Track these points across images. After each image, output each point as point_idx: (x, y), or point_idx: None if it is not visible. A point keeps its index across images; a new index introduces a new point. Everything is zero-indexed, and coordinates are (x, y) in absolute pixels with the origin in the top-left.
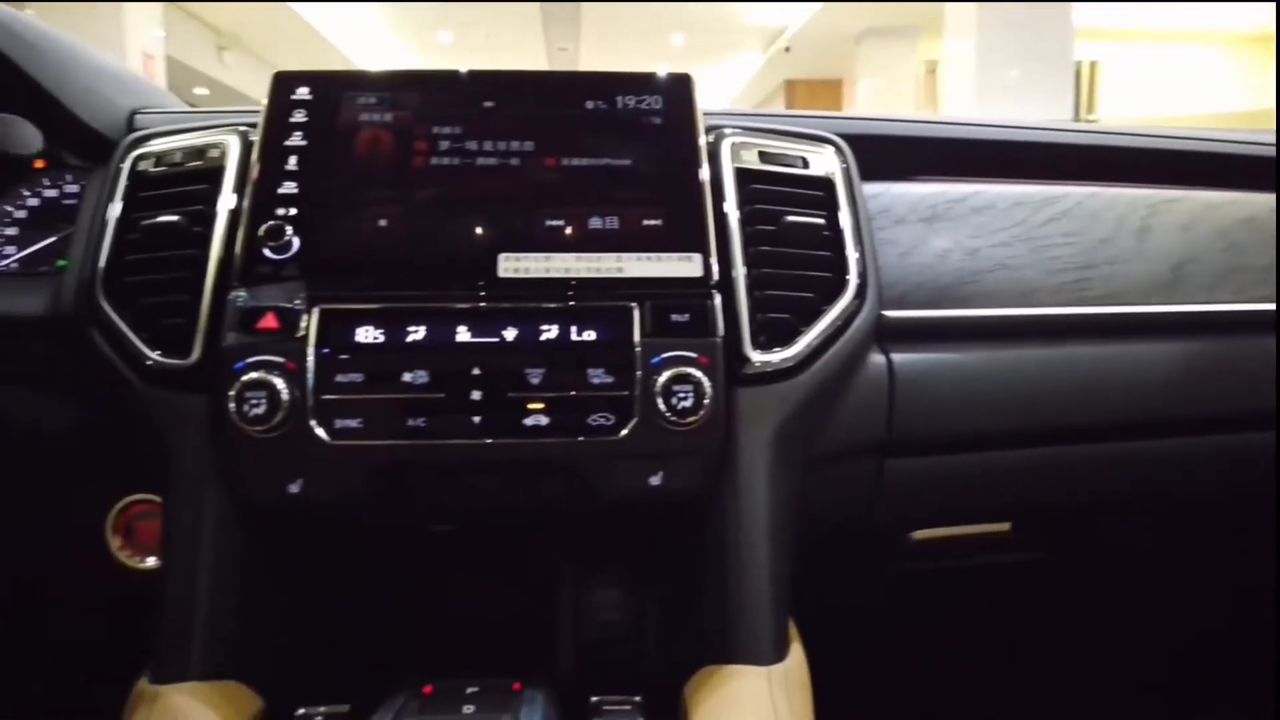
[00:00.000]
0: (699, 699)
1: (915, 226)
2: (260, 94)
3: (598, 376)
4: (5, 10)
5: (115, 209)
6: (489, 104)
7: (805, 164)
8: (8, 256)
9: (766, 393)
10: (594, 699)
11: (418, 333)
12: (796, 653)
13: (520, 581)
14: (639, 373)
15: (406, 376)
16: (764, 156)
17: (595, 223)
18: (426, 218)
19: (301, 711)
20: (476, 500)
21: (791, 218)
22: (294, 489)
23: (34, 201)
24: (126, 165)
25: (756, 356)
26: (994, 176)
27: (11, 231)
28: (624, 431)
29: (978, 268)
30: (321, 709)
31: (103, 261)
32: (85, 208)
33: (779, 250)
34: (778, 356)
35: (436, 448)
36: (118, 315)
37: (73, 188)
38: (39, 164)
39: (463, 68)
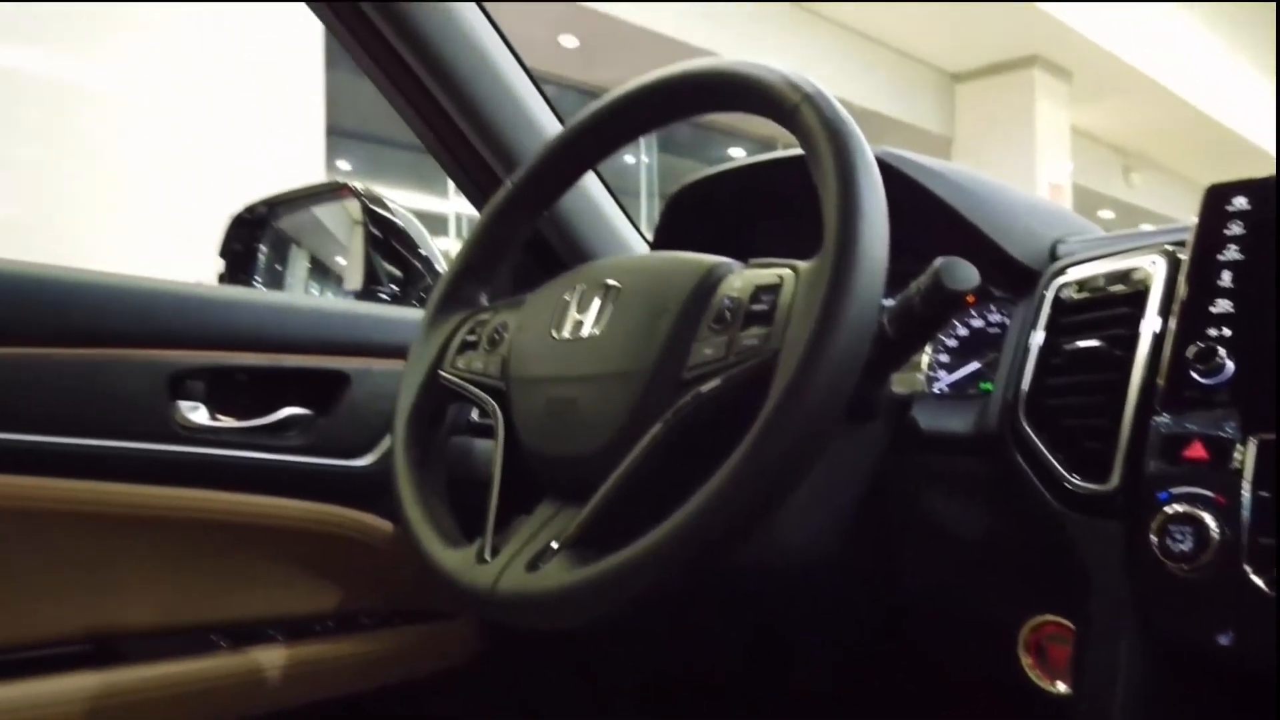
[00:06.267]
0: None
1: None
2: (1171, 210)
3: None
4: (946, 165)
5: (1038, 336)
6: None
7: None
8: (940, 380)
9: None
10: None
11: None
12: None
13: None
14: None
15: None
16: None
17: None
18: None
19: None
20: None
21: None
22: (1224, 640)
23: (963, 331)
24: (1049, 293)
25: None
26: None
27: (944, 358)
28: None
29: None
30: None
31: (1026, 385)
32: (1010, 335)
33: None
34: None
35: None
36: (1037, 436)
37: (996, 317)
38: (970, 299)
39: None
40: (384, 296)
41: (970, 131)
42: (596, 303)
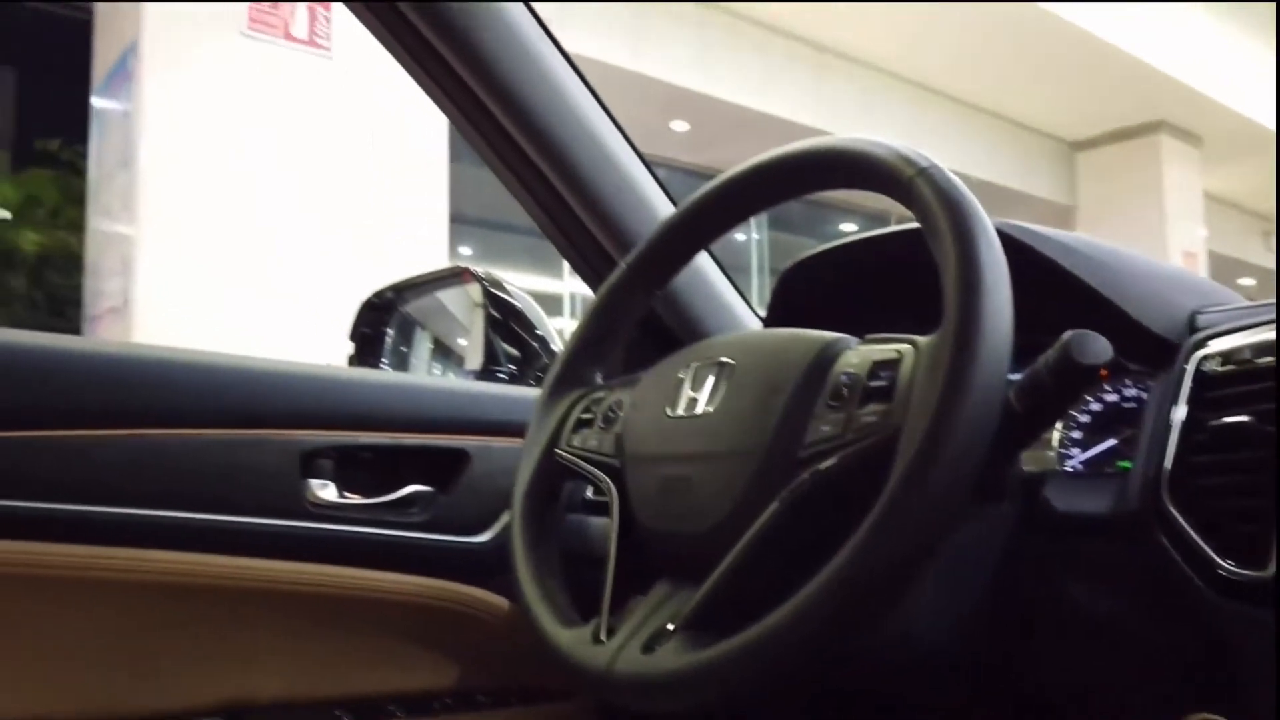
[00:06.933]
0: None
1: None
2: None
3: None
4: (1070, 235)
5: (1180, 411)
6: None
7: None
8: (1074, 458)
9: None
10: None
11: None
12: None
13: None
14: None
15: None
16: None
17: None
18: None
19: None
20: None
21: None
22: None
23: (1096, 407)
24: (1190, 366)
25: None
26: None
27: (1077, 435)
28: None
29: None
30: None
31: (1168, 463)
32: (1148, 411)
33: None
34: None
35: None
36: (1184, 518)
37: (1131, 391)
38: (1103, 373)
39: None
40: (502, 376)
41: (1094, 200)
42: (710, 380)
